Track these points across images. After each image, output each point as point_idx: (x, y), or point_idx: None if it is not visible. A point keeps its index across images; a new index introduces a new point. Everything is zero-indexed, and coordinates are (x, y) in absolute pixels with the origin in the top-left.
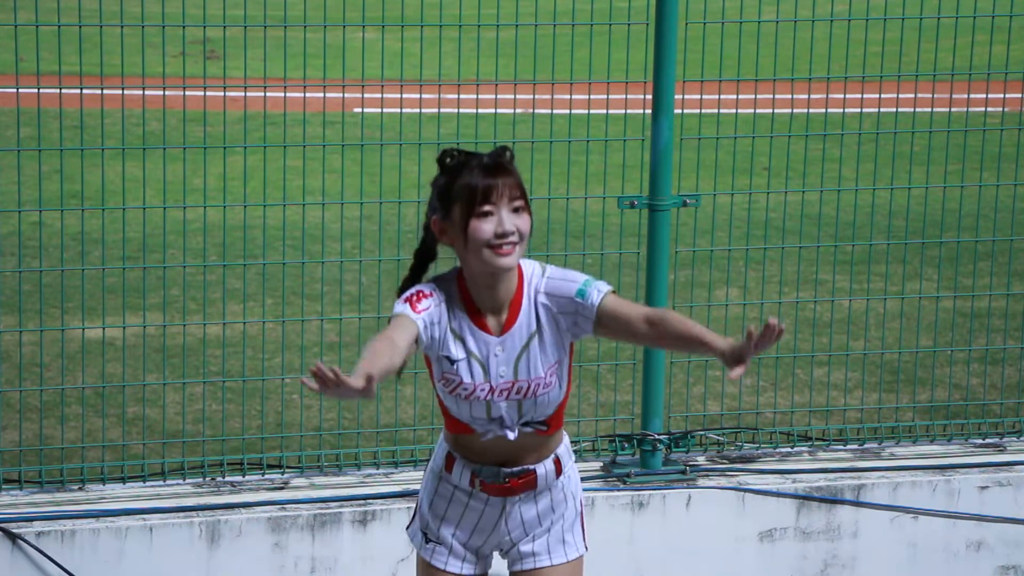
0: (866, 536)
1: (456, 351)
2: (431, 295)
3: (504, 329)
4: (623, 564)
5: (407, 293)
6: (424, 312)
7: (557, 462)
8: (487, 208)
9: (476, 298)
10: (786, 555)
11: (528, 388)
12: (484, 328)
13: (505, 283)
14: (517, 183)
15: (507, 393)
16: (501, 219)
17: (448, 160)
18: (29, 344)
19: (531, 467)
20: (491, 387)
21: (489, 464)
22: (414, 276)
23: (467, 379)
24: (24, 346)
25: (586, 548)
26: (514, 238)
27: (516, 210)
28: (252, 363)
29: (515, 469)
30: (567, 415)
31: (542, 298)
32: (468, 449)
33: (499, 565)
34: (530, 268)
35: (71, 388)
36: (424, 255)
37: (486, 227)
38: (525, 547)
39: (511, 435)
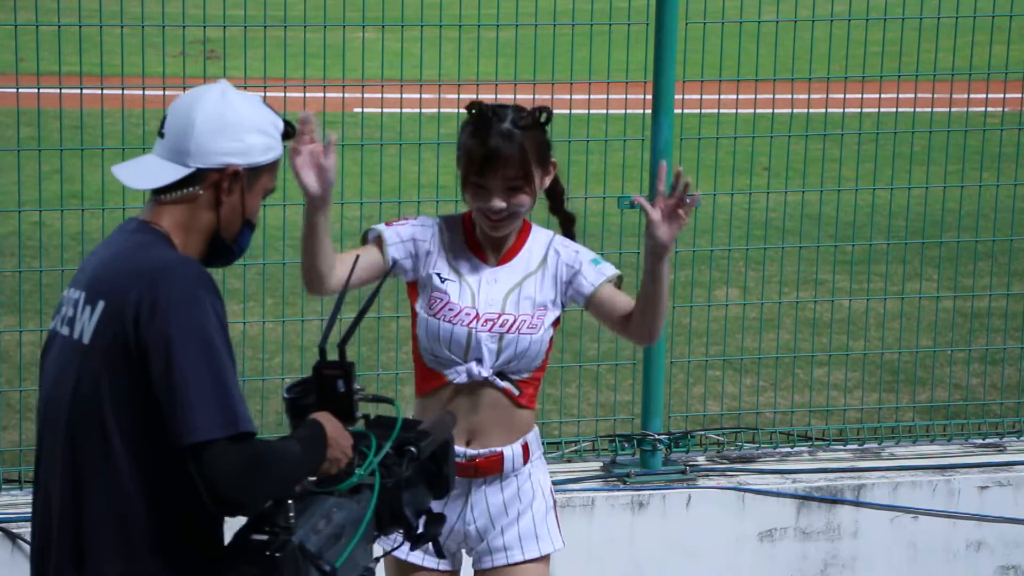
0: (866, 536)
1: (448, 272)
2: (415, 218)
3: (501, 261)
4: (623, 564)
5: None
6: (398, 227)
7: (525, 447)
8: (480, 181)
9: (479, 233)
10: (786, 555)
11: (513, 323)
12: (481, 257)
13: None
14: (520, 159)
15: (491, 324)
16: (490, 196)
17: (472, 112)
18: (29, 344)
19: (498, 448)
20: (476, 313)
21: (456, 442)
22: None
23: (454, 298)
24: (24, 346)
25: (563, 543)
26: (503, 214)
27: (511, 188)
28: (252, 363)
29: (482, 450)
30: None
31: (557, 243)
32: None
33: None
34: (536, 226)
35: None
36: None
37: (476, 197)
38: (495, 541)
39: (485, 373)
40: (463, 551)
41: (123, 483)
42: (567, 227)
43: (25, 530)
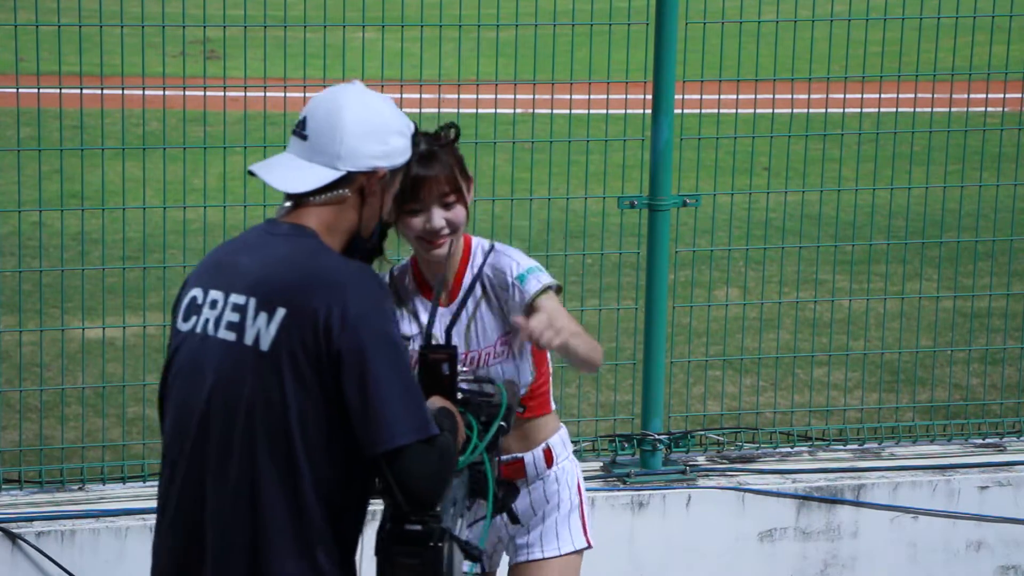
0: (866, 536)
1: (410, 327)
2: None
3: (451, 299)
4: (623, 564)
5: None
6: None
7: (547, 452)
8: (416, 206)
9: (425, 272)
10: (786, 555)
11: (479, 358)
12: (431, 297)
13: (449, 258)
14: (448, 176)
15: (461, 364)
16: (430, 216)
17: None
18: (29, 344)
19: (519, 455)
20: None
21: None
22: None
23: None
24: (24, 346)
25: (588, 543)
26: (445, 232)
27: (447, 204)
28: None
29: (504, 456)
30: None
31: (487, 268)
32: None
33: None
34: (477, 241)
35: (71, 388)
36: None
37: (415, 222)
38: (520, 539)
39: None
40: (502, 552)
41: (302, 486)
42: None
43: (26, 530)
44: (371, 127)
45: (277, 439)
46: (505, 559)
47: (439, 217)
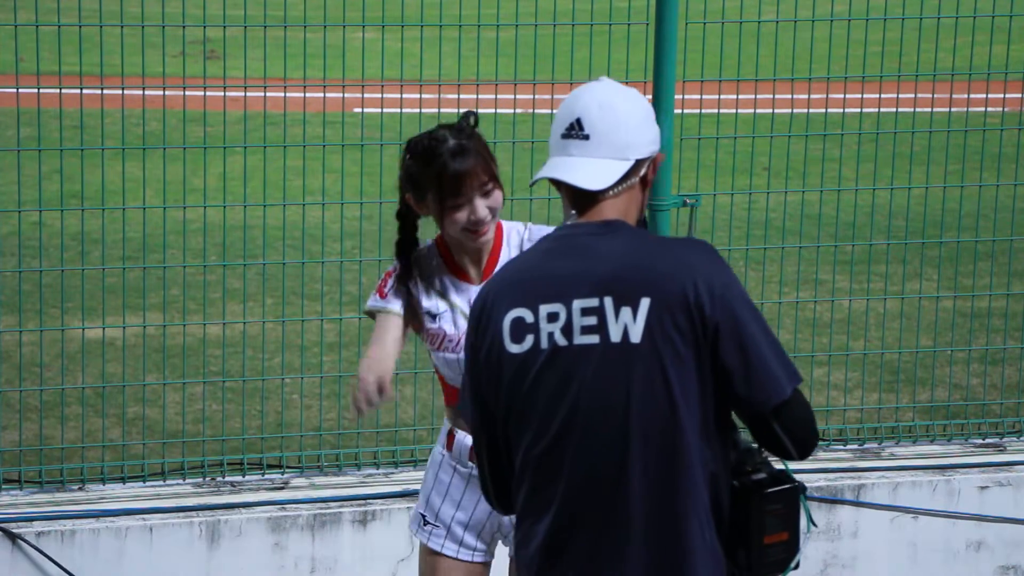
0: (866, 536)
1: (439, 305)
2: (393, 271)
3: (483, 276)
4: None
5: (378, 283)
6: (390, 290)
7: None
8: (459, 200)
9: (456, 254)
10: None
11: None
12: (465, 279)
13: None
14: (483, 165)
15: None
16: (474, 207)
17: (411, 146)
18: (29, 344)
19: None
20: None
21: None
22: (406, 237)
23: (451, 331)
24: (24, 346)
25: None
26: (488, 219)
27: (486, 193)
28: (252, 363)
29: None
30: None
31: (530, 238)
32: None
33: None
34: (509, 224)
35: (71, 388)
36: (406, 218)
37: (460, 216)
38: None
39: None
40: (499, 541)
41: (694, 464)
42: None
43: (26, 530)
44: (642, 115)
45: (667, 425)
46: (504, 551)
47: (482, 207)
